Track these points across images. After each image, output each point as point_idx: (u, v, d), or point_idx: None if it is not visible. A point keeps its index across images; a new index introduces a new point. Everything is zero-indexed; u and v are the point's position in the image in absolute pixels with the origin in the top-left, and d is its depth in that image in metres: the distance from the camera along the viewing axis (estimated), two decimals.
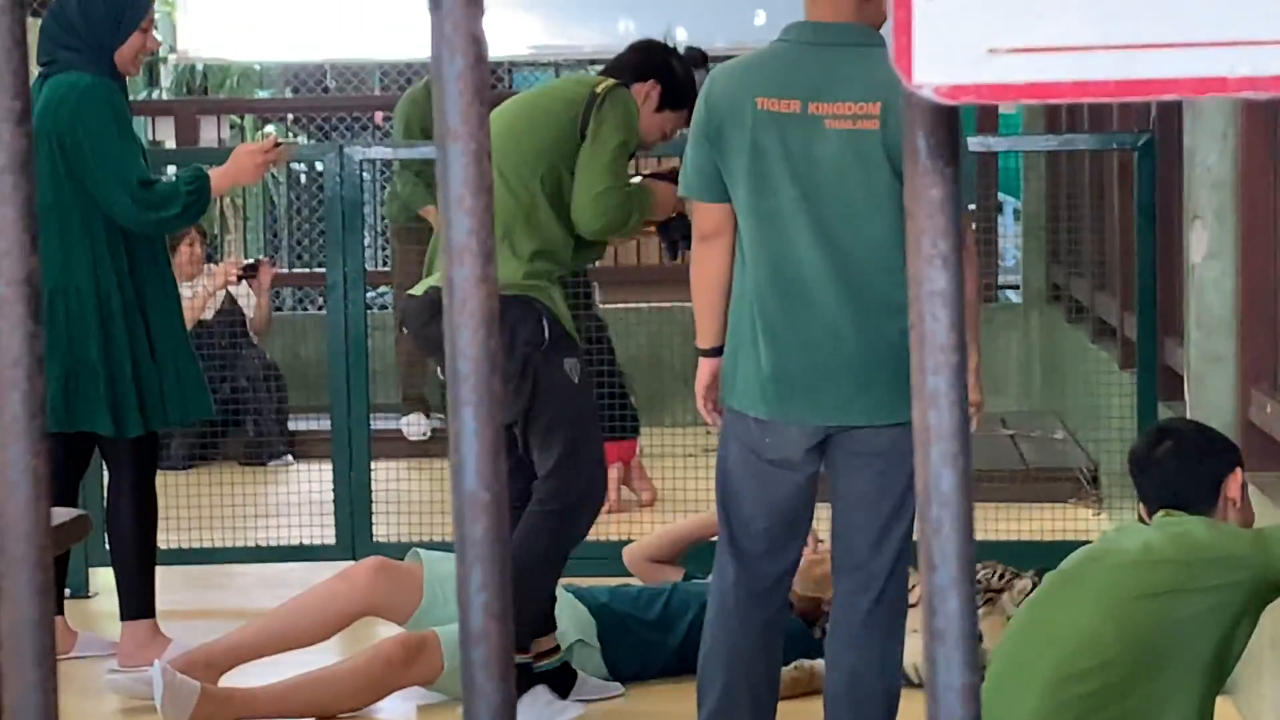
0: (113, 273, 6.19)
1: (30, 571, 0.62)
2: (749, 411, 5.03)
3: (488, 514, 0.62)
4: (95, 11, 6.23)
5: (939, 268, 0.61)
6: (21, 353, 0.62)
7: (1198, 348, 6.23)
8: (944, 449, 0.62)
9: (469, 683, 0.62)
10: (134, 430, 6.28)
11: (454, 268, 0.63)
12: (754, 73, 5.06)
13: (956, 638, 0.62)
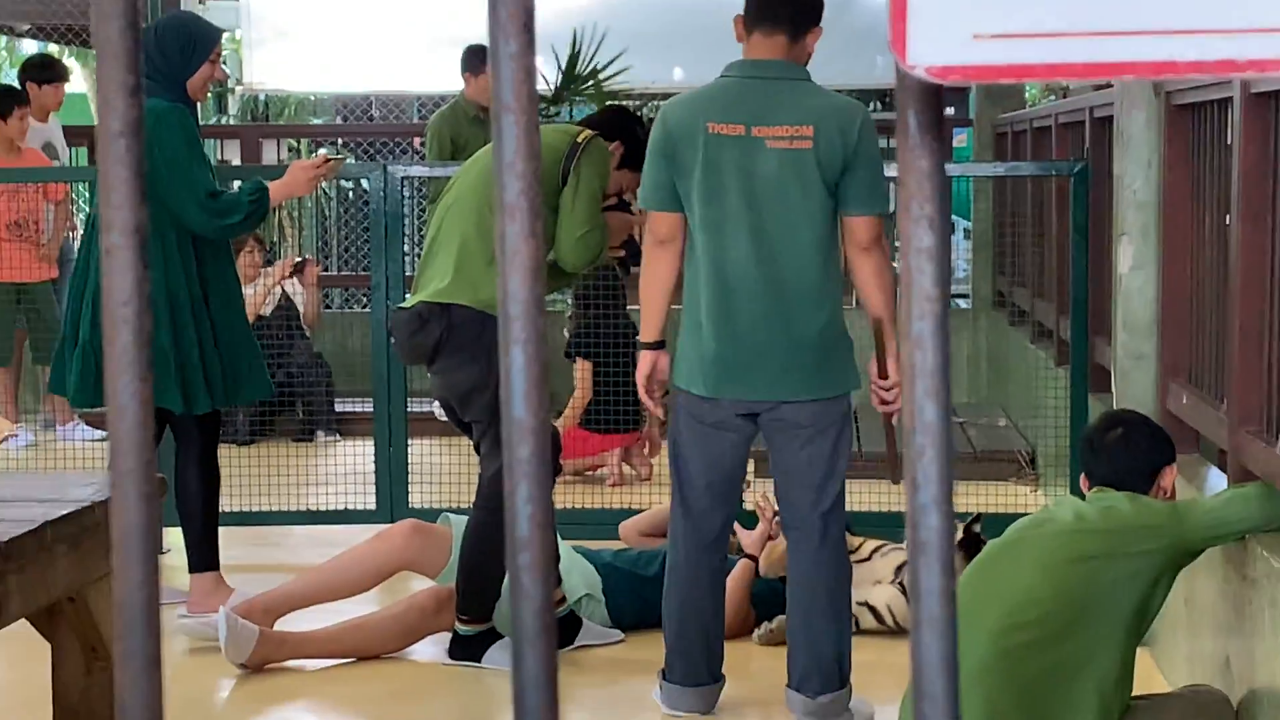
0: (181, 273, 6.19)
1: (138, 482, 0.62)
2: (692, 390, 5.25)
3: (533, 437, 0.62)
4: (169, 46, 6.23)
5: (925, 228, 0.61)
6: (131, 294, 0.62)
7: (1124, 347, 6.22)
8: (927, 384, 0.62)
9: (515, 585, 0.62)
10: (202, 408, 6.29)
11: (506, 223, 0.63)
12: (705, 102, 5.23)
13: (936, 549, 0.62)
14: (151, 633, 0.62)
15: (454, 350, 5.70)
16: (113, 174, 0.61)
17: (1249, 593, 4.66)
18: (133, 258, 0.61)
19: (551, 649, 0.63)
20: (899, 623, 6.26)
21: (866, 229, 5.16)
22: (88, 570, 3.61)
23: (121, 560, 0.62)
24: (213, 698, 5.73)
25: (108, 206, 0.62)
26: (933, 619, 0.62)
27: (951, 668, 0.63)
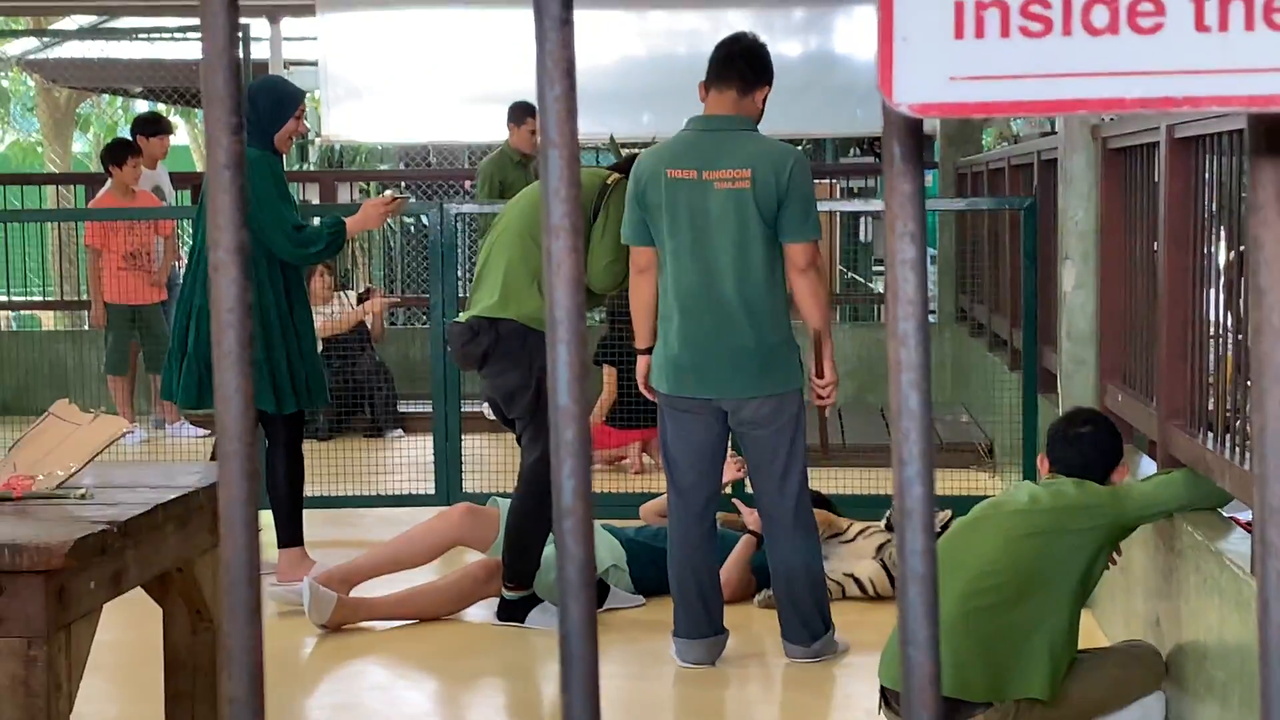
0: (271, 295, 6.22)
1: (241, 462, 0.62)
2: (661, 389, 5.41)
3: (575, 422, 0.62)
4: (260, 103, 6.26)
5: (908, 242, 0.61)
6: (235, 301, 0.62)
7: (1068, 354, 6.20)
8: (910, 376, 0.62)
9: (561, 548, 0.62)
10: (290, 408, 6.30)
11: (552, 241, 0.63)
12: (665, 152, 5.40)
13: (919, 515, 0.62)
14: (253, 588, 0.62)
15: (500, 357, 5.75)
16: (219, 201, 0.61)
17: (1176, 562, 4.64)
18: (236, 272, 0.61)
19: (592, 600, 0.63)
20: (879, 592, 6.25)
21: (801, 254, 5.26)
22: (194, 545, 3.61)
23: (227, 527, 0.62)
24: (299, 653, 5.72)
25: (215, 228, 0.62)
26: (916, 575, 0.62)
27: (933, 616, 0.63)
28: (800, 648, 5.40)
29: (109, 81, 16.16)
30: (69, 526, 3.11)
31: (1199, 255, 4.86)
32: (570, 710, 0.60)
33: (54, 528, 3.10)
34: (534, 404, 5.77)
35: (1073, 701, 4.63)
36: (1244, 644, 3.95)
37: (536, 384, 5.76)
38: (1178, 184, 4.90)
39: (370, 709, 5.08)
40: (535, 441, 5.84)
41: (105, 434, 3.47)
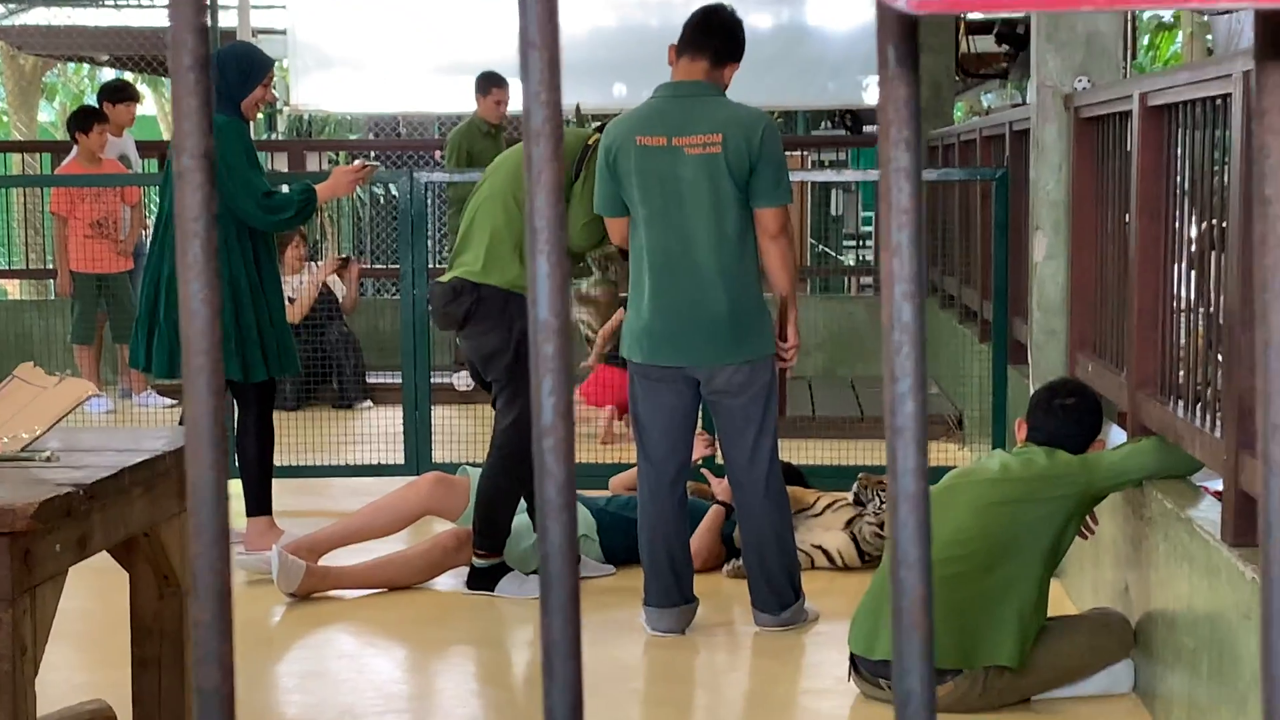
0: (241, 262, 6.18)
1: (208, 377, 0.59)
2: (633, 358, 5.38)
3: (557, 336, 0.59)
4: (229, 71, 6.22)
5: (903, 149, 0.58)
6: (200, 210, 0.59)
7: (1038, 325, 6.20)
8: (904, 288, 0.60)
9: (539, 465, 0.59)
10: (259, 376, 6.26)
11: (531, 146, 0.60)
12: (634, 120, 5.37)
13: (911, 432, 0.60)
14: (220, 508, 0.60)
15: (480, 319, 5.76)
16: (184, 103, 0.58)
17: (1145, 530, 4.65)
18: (201, 178, 0.59)
19: (572, 519, 0.61)
20: (847, 563, 6.24)
21: (772, 219, 5.25)
22: (160, 510, 3.58)
23: (193, 445, 0.59)
24: (268, 621, 5.70)
25: (180, 134, 0.59)
26: (908, 494, 0.60)
27: (924, 536, 0.61)
28: (770, 616, 5.39)
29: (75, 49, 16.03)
30: (34, 489, 3.07)
31: (1171, 225, 4.85)
32: (550, 632, 0.58)
33: (19, 490, 3.06)
34: (511, 367, 5.76)
35: (1041, 669, 4.64)
36: (1214, 611, 3.95)
37: (515, 347, 5.73)
38: (1150, 153, 4.89)
39: (339, 677, 5.06)
40: (510, 406, 5.82)
41: (71, 397, 3.43)
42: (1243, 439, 3.90)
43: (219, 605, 0.60)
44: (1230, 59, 4.01)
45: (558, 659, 0.60)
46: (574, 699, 0.60)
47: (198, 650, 0.59)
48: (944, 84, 11.63)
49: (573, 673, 0.60)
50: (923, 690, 0.59)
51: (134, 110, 11.04)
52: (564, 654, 0.59)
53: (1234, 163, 3.95)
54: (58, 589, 3.18)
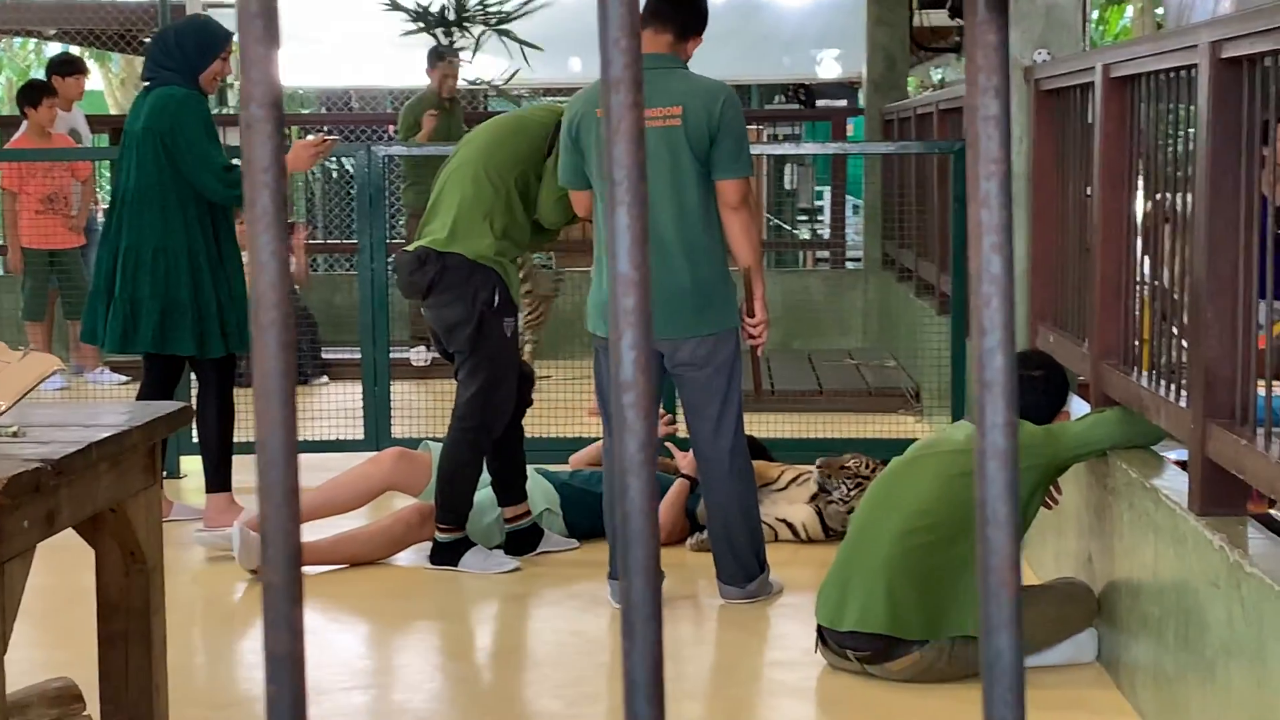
0: (200, 236, 6.15)
1: (278, 332, 0.58)
2: (596, 332, 5.39)
3: (637, 289, 0.58)
4: (188, 43, 6.20)
5: (992, 97, 0.57)
6: (271, 160, 0.57)
7: None
8: (993, 240, 0.58)
9: (620, 423, 0.58)
10: (216, 352, 6.22)
11: (611, 95, 0.59)
12: (594, 93, 5.41)
13: (1001, 386, 0.59)
14: (290, 468, 0.58)
15: (445, 289, 5.74)
16: (252, 51, 0.57)
17: (1109, 499, 4.67)
18: (271, 128, 0.57)
19: (652, 476, 0.59)
20: (811, 536, 6.25)
21: (733, 190, 5.23)
22: (127, 485, 3.54)
23: (263, 402, 0.58)
24: (230, 598, 5.67)
25: (248, 81, 0.58)
26: (996, 449, 0.59)
27: (1013, 494, 0.60)
28: (736, 589, 5.39)
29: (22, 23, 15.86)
30: (1, 464, 3.04)
31: (1133, 196, 4.87)
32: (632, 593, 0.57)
33: None
34: (474, 339, 5.74)
35: None
36: (1179, 579, 3.97)
37: (478, 318, 5.71)
38: (1112, 124, 4.90)
39: None
40: (473, 377, 5.79)
41: (35, 372, 3.39)
42: (1209, 408, 3.92)
43: (289, 568, 0.58)
44: (1196, 30, 4.02)
45: (639, 620, 0.58)
46: (655, 661, 0.58)
47: (269, 614, 0.58)
48: (898, 57, 11.64)
49: (654, 634, 0.58)
50: (1011, 650, 0.58)
51: (83, 84, 10.94)
52: (645, 615, 0.58)
53: (1200, 133, 3.96)
54: (26, 565, 3.14)
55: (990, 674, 0.57)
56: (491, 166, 5.80)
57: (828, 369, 9.74)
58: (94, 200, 10.67)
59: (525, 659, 5.13)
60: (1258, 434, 3.70)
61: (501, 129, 5.98)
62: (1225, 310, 3.89)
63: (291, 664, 0.58)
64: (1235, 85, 3.82)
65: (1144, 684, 4.28)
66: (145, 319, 6.12)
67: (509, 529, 6.03)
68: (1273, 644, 3.28)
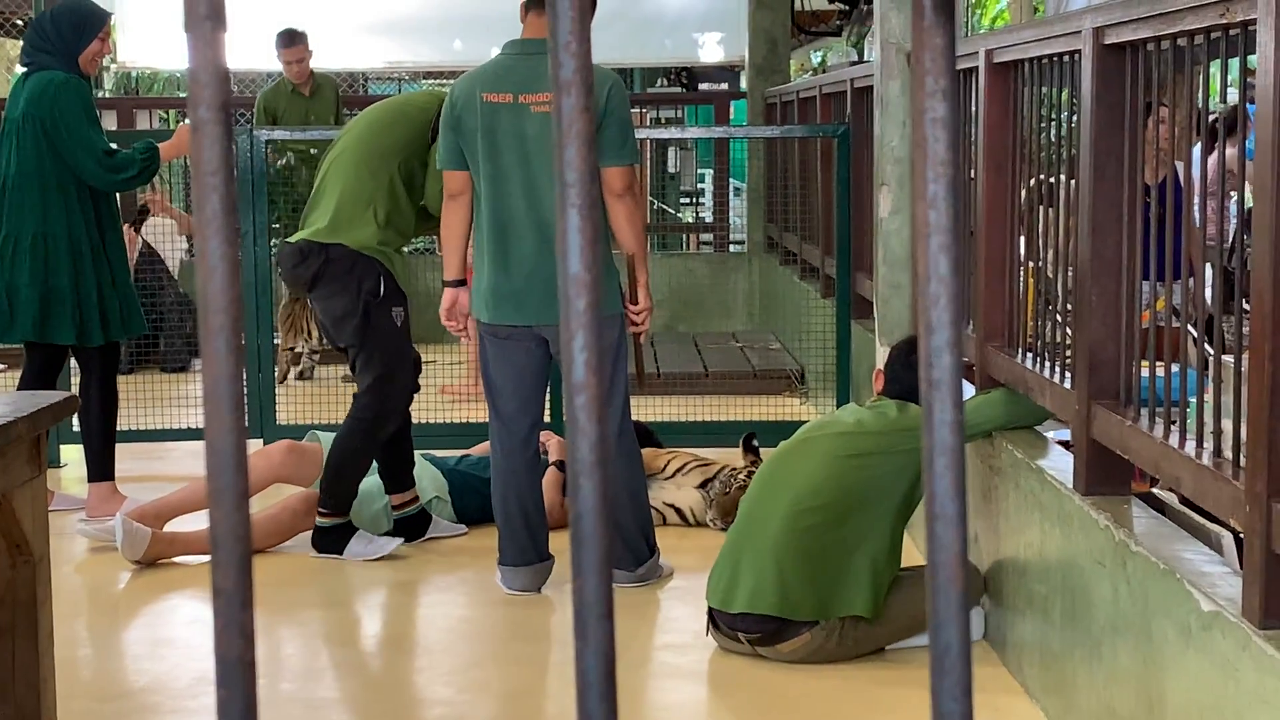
0: (81, 223, 6.06)
1: (227, 336, 0.57)
2: (481, 318, 5.34)
3: (588, 290, 0.58)
4: (64, 25, 6.11)
5: (940, 99, 0.58)
6: (219, 164, 0.57)
7: (884, 279, 6.27)
8: (940, 240, 0.59)
9: (572, 424, 0.58)
10: (96, 341, 6.14)
11: (563, 98, 0.59)
12: (481, 76, 5.35)
13: (948, 385, 0.60)
14: (240, 472, 0.58)
15: (329, 281, 5.70)
16: (200, 55, 0.56)
17: (995, 479, 4.73)
18: (219, 131, 0.57)
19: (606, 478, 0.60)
20: (698, 519, 6.27)
21: (619, 178, 5.25)
22: (12, 477, 3.49)
23: (212, 406, 0.57)
24: (113, 589, 5.60)
25: (196, 84, 0.57)
26: (945, 446, 0.60)
27: (960, 490, 0.61)
28: (626, 573, 5.41)
29: None
30: None
31: (1016, 180, 4.93)
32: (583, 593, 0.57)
33: None
34: (361, 330, 5.70)
35: (895, 618, 4.71)
36: (1065, 558, 4.03)
37: (364, 309, 5.67)
38: (995, 108, 4.96)
39: (190, 643, 4.98)
40: (366, 369, 5.76)
41: None
42: (1094, 389, 3.98)
43: (240, 573, 0.58)
44: (1080, 16, 4.08)
45: (591, 620, 0.58)
46: (608, 661, 0.59)
47: (219, 619, 0.57)
48: (780, 40, 11.70)
49: (606, 634, 0.59)
50: (959, 643, 0.59)
51: None
52: (598, 614, 0.58)
53: (1083, 118, 4.02)
54: None
55: (939, 667, 0.58)
56: (374, 154, 5.76)
57: (713, 352, 9.78)
58: None
59: (415, 646, 5.11)
60: (1141, 414, 3.77)
61: (382, 116, 5.93)
62: (1109, 292, 3.96)
63: (243, 669, 0.57)
64: (1118, 71, 3.88)
65: (1030, 661, 4.35)
66: (23, 307, 6.03)
67: (397, 515, 6.01)
68: (1158, 621, 3.35)
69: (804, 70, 19.86)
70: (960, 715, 0.56)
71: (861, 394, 6.89)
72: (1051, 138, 4.88)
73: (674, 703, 4.60)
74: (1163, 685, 3.32)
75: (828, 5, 14.43)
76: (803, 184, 9.60)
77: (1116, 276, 3.94)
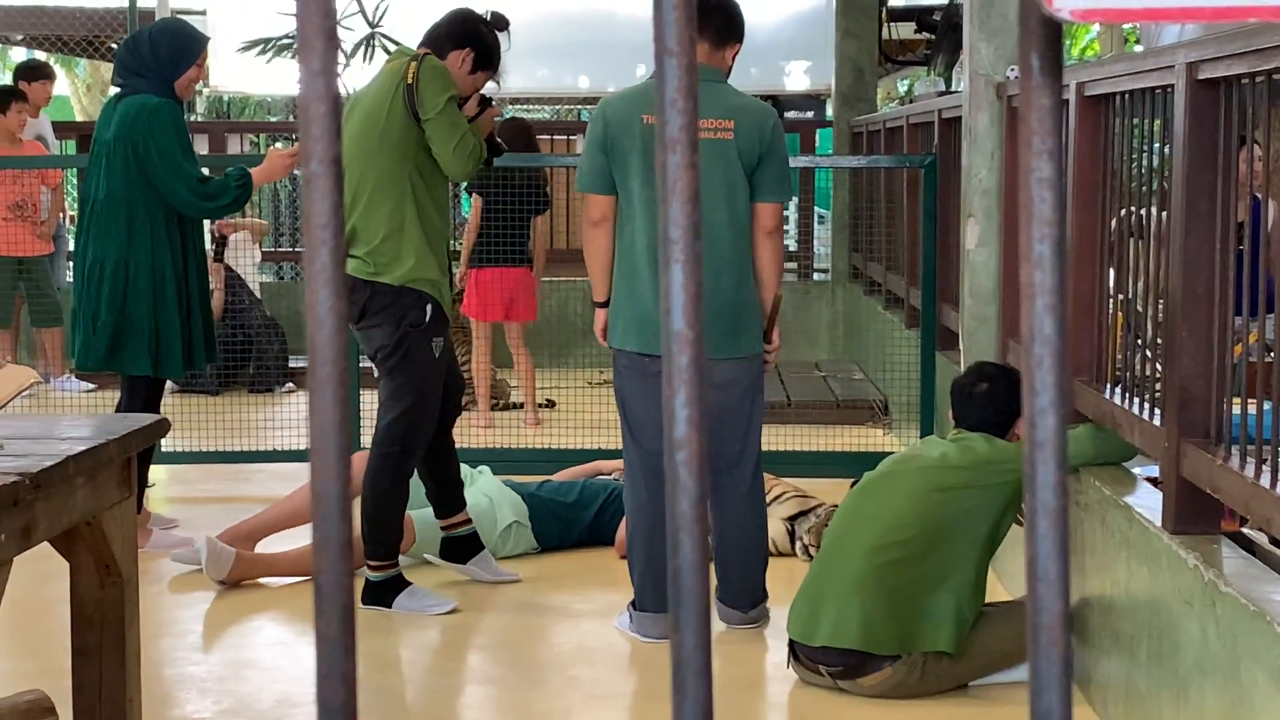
0: (167, 250, 6.03)
1: (334, 386, 0.58)
2: (626, 346, 5.19)
3: (691, 347, 0.58)
4: (162, 49, 6.08)
5: (1045, 160, 0.58)
6: (329, 217, 0.58)
7: (969, 311, 6.24)
8: (1046, 301, 0.59)
9: (671, 479, 0.59)
10: (174, 373, 6.11)
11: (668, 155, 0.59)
12: (640, 98, 5.19)
13: (1052, 446, 0.60)
14: (345, 522, 0.59)
15: (374, 314, 5.40)
16: (312, 109, 0.57)
17: (1082, 516, 4.68)
18: (330, 185, 0.57)
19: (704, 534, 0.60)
20: (780, 550, 6.24)
21: (771, 215, 5.15)
22: (103, 498, 3.53)
23: (319, 458, 0.58)
24: (198, 609, 5.64)
25: (308, 139, 0.58)
26: (1048, 509, 0.59)
27: (1064, 552, 0.60)
28: (738, 613, 5.26)
29: None
30: None
31: (1105, 214, 4.89)
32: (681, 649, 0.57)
33: None
34: (399, 362, 5.43)
35: (978, 654, 4.67)
36: (1153, 597, 3.99)
37: (404, 340, 5.39)
38: (1085, 141, 4.93)
39: (271, 664, 5.02)
40: (396, 399, 5.47)
41: (14, 384, 3.38)
42: (1184, 427, 3.94)
43: (344, 621, 0.58)
44: (1172, 50, 4.05)
45: (690, 675, 0.59)
46: (705, 716, 0.59)
47: (322, 666, 0.58)
48: (867, 70, 11.68)
49: (705, 690, 0.59)
50: (1060, 707, 0.58)
51: (50, 89, 10.90)
52: (696, 670, 0.58)
53: (1176, 151, 3.98)
54: (3, 579, 3.13)
55: None
56: (384, 179, 5.40)
57: (796, 381, 9.76)
58: (63, 207, 10.62)
59: (504, 680, 5.12)
60: (1233, 453, 3.72)
61: (364, 133, 5.41)
62: (1200, 328, 3.92)
63: (344, 716, 0.58)
64: (1211, 105, 3.85)
65: (1116, 700, 4.30)
66: (99, 334, 5.99)
67: (445, 536, 5.83)
68: (1247, 663, 3.30)
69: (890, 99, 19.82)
70: None
71: (945, 426, 6.86)
72: (1142, 169, 4.84)
73: None
74: None
75: (915, 35, 14.41)
76: (888, 214, 9.57)
77: (1208, 312, 3.90)
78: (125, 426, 3.63)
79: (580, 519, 6.33)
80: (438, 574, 5.86)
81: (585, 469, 6.95)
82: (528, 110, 17.40)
